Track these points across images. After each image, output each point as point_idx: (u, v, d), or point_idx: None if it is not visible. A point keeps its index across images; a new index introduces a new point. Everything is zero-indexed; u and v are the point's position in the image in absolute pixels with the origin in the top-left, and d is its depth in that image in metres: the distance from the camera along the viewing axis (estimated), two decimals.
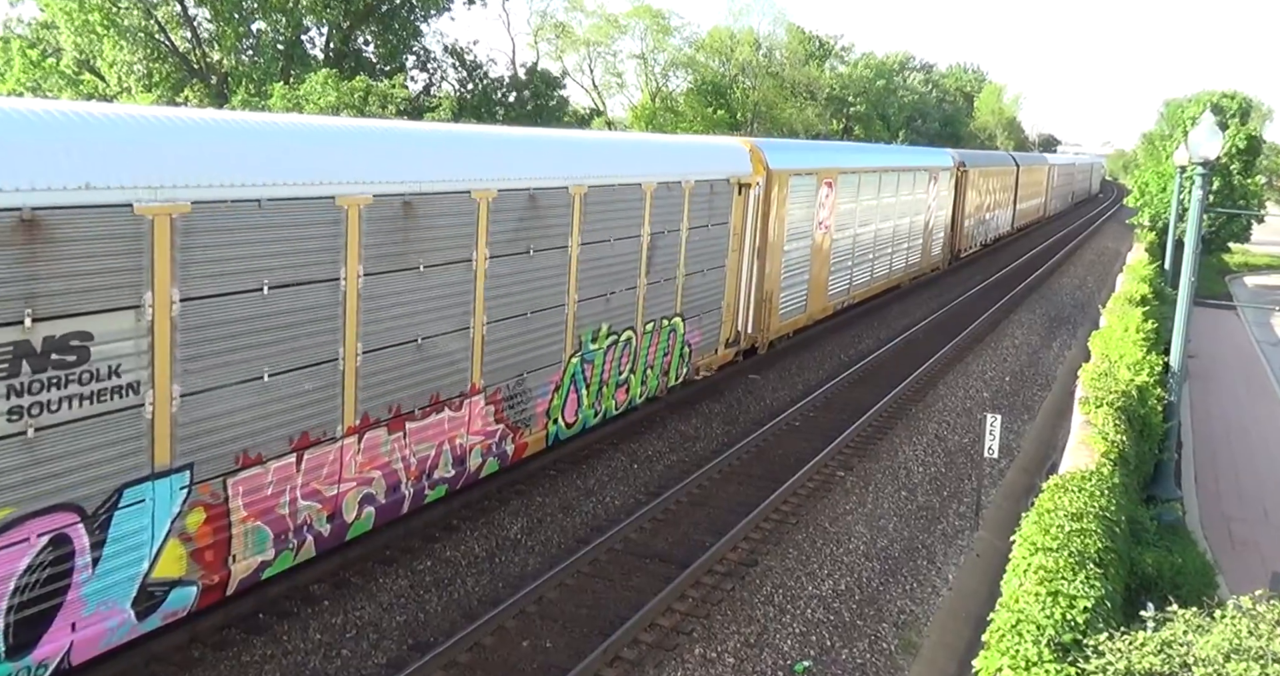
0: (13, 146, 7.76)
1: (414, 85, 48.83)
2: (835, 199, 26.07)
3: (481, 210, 12.66)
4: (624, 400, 16.92)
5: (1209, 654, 7.31)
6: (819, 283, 25.92)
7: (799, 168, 23.37)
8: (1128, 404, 15.50)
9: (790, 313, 24.09)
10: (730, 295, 20.43)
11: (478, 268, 12.75)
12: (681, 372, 18.81)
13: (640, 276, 16.74)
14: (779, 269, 22.72)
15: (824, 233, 25.65)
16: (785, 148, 25.25)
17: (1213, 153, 16.24)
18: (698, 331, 19.23)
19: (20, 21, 46.68)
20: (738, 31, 77.50)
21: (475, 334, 12.89)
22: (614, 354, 16.30)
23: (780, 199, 22.17)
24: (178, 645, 10.03)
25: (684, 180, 17.64)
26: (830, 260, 26.58)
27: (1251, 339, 34.51)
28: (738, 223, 20.14)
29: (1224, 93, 56.97)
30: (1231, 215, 47.92)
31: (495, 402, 13.50)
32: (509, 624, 11.04)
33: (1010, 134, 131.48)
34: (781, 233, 22.64)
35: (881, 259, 31.80)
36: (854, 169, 27.80)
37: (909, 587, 12.80)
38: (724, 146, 21.07)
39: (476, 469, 13.36)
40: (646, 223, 16.63)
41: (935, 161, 38.52)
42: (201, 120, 9.83)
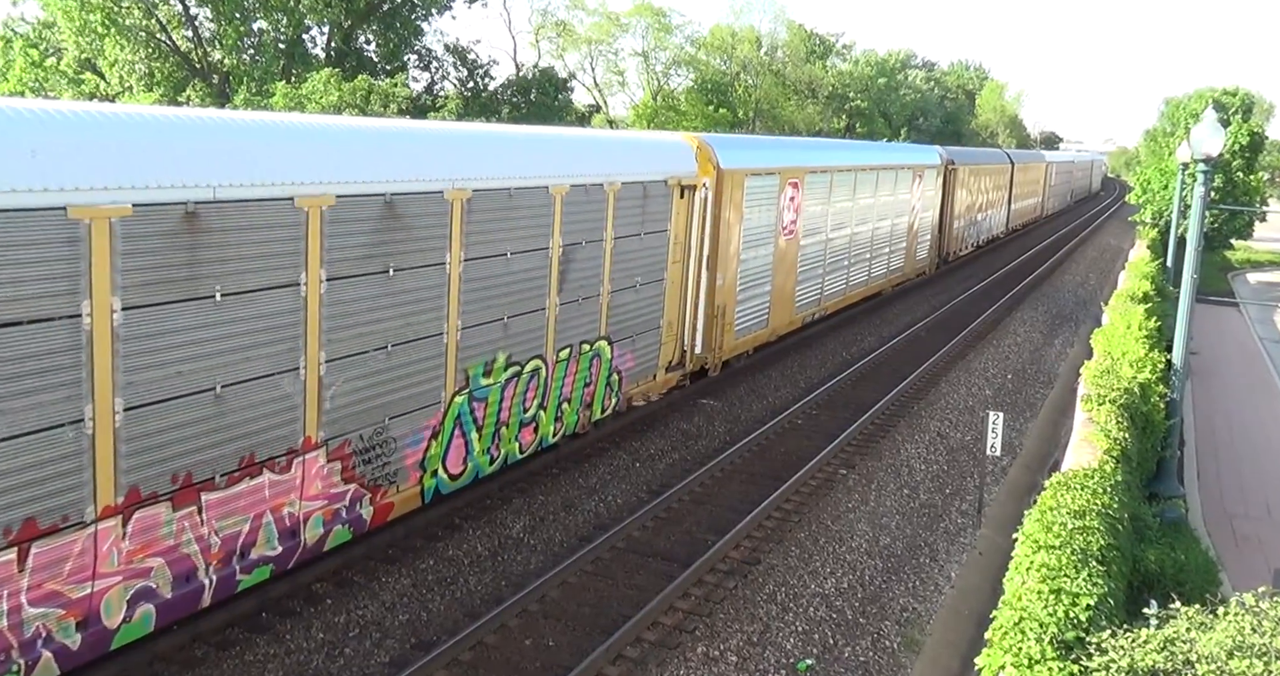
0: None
1: (415, 85, 48.87)
2: (803, 201, 23.76)
3: (313, 221, 10.19)
4: (532, 441, 14.48)
5: (1212, 651, 7.30)
6: (784, 293, 23.57)
7: (757, 167, 21.16)
8: (1130, 401, 15.49)
9: (749, 328, 21.84)
10: (672, 312, 18.05)
11: (309, 292, 10.25)
12: (609, 404, 16.48)
13: (550, 296, 14.35)
14: (734, 280, 20.57)
15: (790, 238, 23.37)
16: (740, 145, 22.67)
17: (1215, 149, 16.21)
18: (630, 355, 16.85)
19: (23, 20, 46.73)
20: (739, 29, 77.55)
21: (309, 375, 10.43)
22: (516, 388, 13.92)
23: (735, 202, 20.04)
24: (180, 644, 10.05)
25: (607, 182, 15.34)
26: (798, 268, 24.27)
27: (1254, 335, 34.46)
28: (680, 229, 17.81)
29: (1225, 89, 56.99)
30: (1234, 212, 47.87)
31: (342, 458, 11.06)
32: (512, 622, 11.04)
33: (1012, 132, 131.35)
34: (736, 239, 20.44)
35: (859, 265, 29.46)
36: (824, 168, 25.34)
37: (912, 585, 12.79)
38: (661, 143, 18.55)
39: (318, 540, 10.94)
40: (557, 232, 14.23)
41: (919, 159, 35.83)
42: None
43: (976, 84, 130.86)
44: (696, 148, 18.68)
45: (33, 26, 46.45)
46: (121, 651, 9.23)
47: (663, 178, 16.97)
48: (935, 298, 34.63)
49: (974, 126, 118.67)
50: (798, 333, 25.63)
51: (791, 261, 23.78)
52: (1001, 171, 51.82)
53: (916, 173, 34.20)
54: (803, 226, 24.13)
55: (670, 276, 17.75)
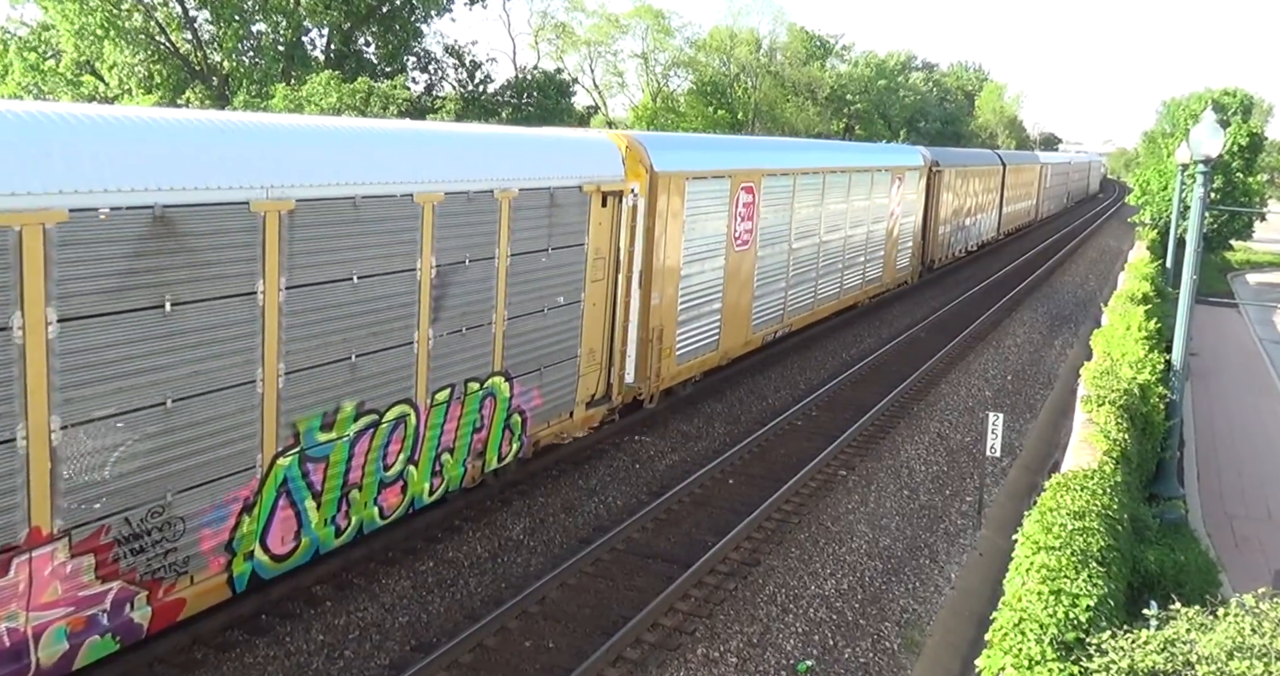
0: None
1: (415, 86, 48.89)
2: (760, 207, 21.29)
3: (30, 245, 7.71)
4: (399, 503, 11.91)
5: (1212, 652, 7.30)
6: (739, 311, 21.09)
7: (701, 169, 18.68)
8: (1130, 402, 15.49)
9: (695, 351, 19.31)
10: (594, 338, 15.58)
11: (28, 337, 7.78)
12: (509, 450, 13.98)
13: (420, 327, 11.79)
14: (675, 298, 18.08)
15: (744, 249, 20.90)
16: (680, 144, 20.32)
17: (1214, 150, 16.22)
18: (536, 392, 14.30)
19: (22, 23, 46.76)
20: (738, 31, 77.61)
21: (32, 446, 7.92)
22: (372, 442, 11.26)
23: (673, 209, 17.59)
24: (180, 647, 10.04)
25: (499, 188, 12.78)
26: (755, 282, 21.77)
27: (1254, 336, 34.47)
28: (602, 243, 15.40)
29: (1224, 90, 56.99)
30: (1234, 213, 47.88)
31: (96, 549, 8.54)
32: (512, 624, 11.04)
33: (1011, 133, 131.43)
34: (677, 252, 17.98)
35: (829, 277, 26.69)
36: (786, 170, 22.78)
37: (912, 586, 12.79)
38: (575, 142, 15.94)
39: (62, 657, 8.38)
40: (428, 250, 11.71)
41: (899, 160, 33.14)
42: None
43: (976, 85, 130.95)
44: (625, 148, 16.26)
45: (31, 29, 46.48)
46: (122, 653, 9.23)
47: (577, 183, 14.53)
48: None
49: (973, 128, 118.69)
50: (757, 353, 23.17)
51: (747, 275, 21.29)
52: (992, 173, 49.56)
53: (895, 175, 31.65)
54: (761, 235, 21.68)
55: (590, 297, 15.25)
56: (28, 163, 7.74)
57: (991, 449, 15.11)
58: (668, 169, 17.18)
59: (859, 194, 28.04)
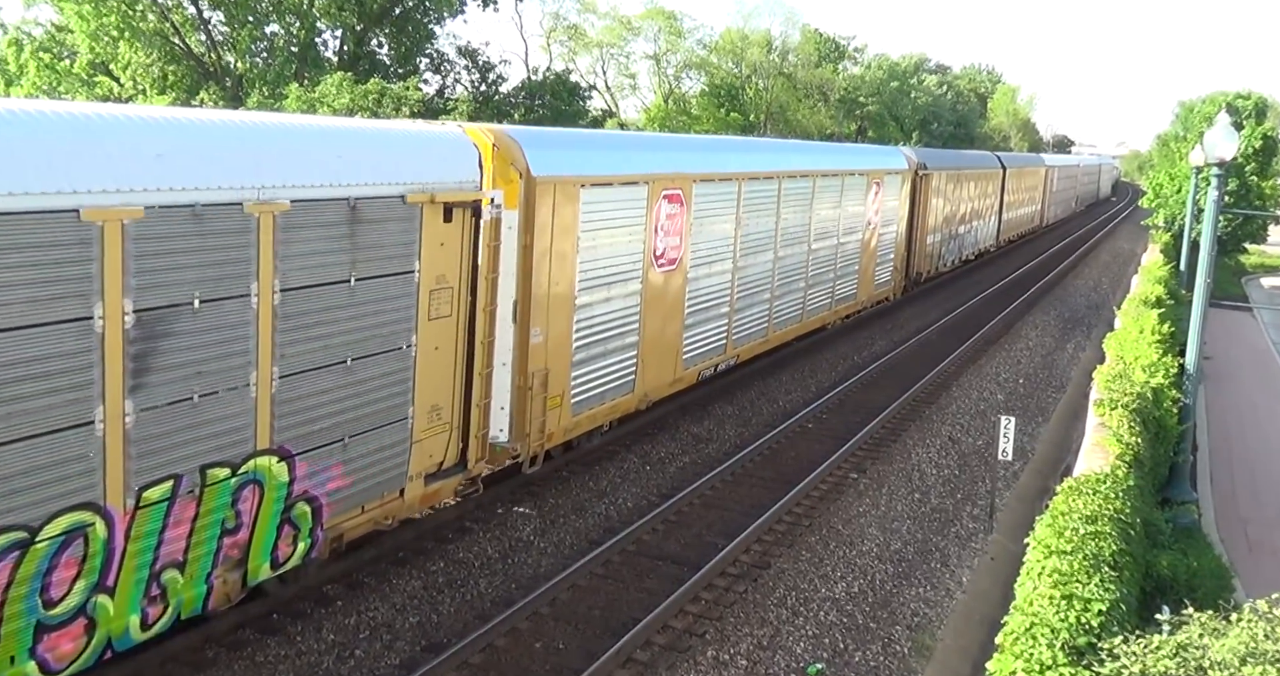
0: None
1: (427, 88, 48.97)
2: (691, 219, 17.79)
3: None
4: (80, 649, 8.51)
5: (1225, 657, 7.27)
6: (663, 343, 17.53)
7: (603, 174, 15.25)
8: (1143, 406, 15.44)
9: (598, 397, 15.76)
10: (437, 392, 12.07)
11: None
12: (292, 551, 10.39)
13: (106, 401, 8.42)
14: (566, 334, 14.71)
15: (670, 269, 17.36)
16: (572, 142, 16.50)
17: (1229, 153, 16.15)
18: (337, 470, 10.78)
19: (36, 23, 47.06)
20: (750, 33, 77.60)
21: None
22: (18, 573, 7.95)
23: (563, 224, 14.22)
24: (192, 646, 10.08)
25: (254, 199, 9.35)
26: (687, 309, 18.27)
27: (1267, 340, 34.31)
28: (446, 268, 11.90)
29: (1239, 93, 56.70)
30: (1248, 216, 47.67)
31: None
32: (522, 625, 11.06)
33: (1025, 135, 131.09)
34: (568, 276, 14.58)
35: (789, 297, 23.20)
36: (728, 175, 19.43)
37: (922, 590, 12.77)
38: (397, 137, 12.02)
39: None
40: (113, 289, 8.33)
41: (878, 163, 29.64)
42: None
43: (989, 87, 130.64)
44: (492, 144, 13.12)
45: (46, 30, 46.75)
46: (133, 652, 9.27)
47: (399, 191, 11.06)
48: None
49: (986, 130, 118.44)
50: (689, 391, 19.70)
51: (675, 300, 17.77)
52: (989, 177, 45.91)
53: (873, 179, 28.15)
54: (693, 253, 18.20)
55: (428, 339, 11.77)
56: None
57: (1003, 452, 15.07)
58: (552, 173, 13.89)
59: (826, 201, 24.71)
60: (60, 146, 8.04)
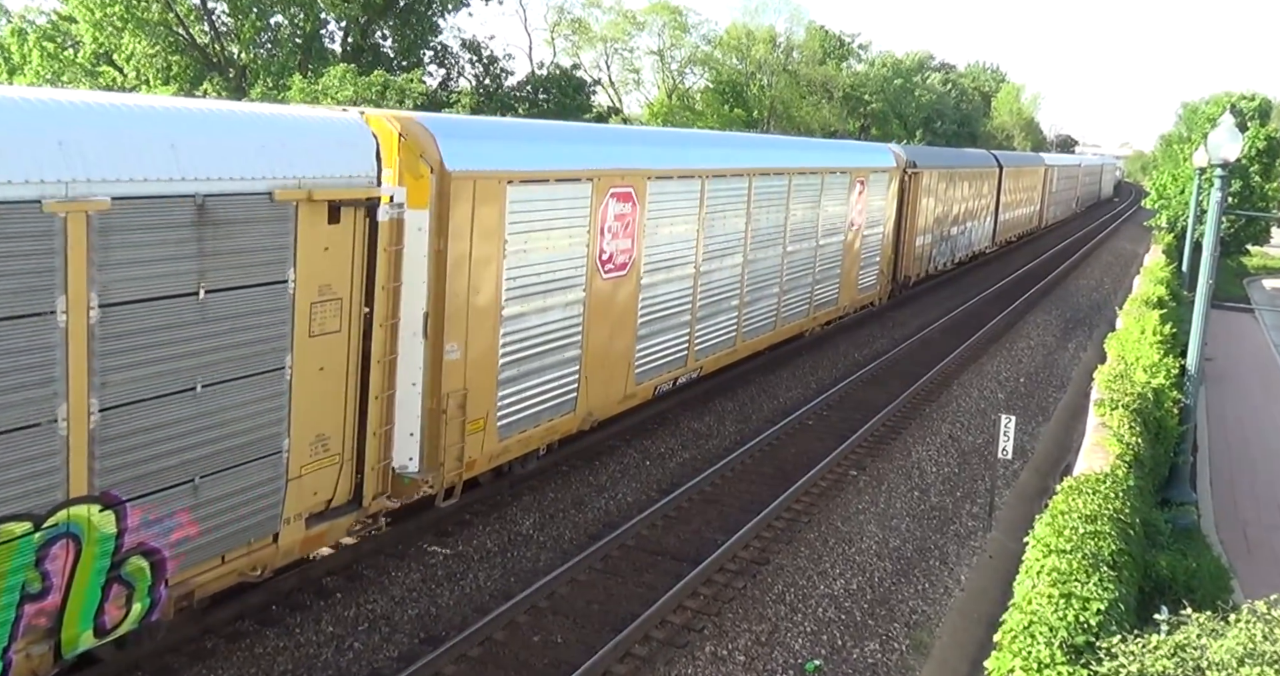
0: None
1: (431, 80, 48.97)
2: (644, 219, 16.11)
3: None
4: None
5: (1223, 658, 7.28)
6: (611, 357, 15.79)
7: (536, 169, 13.53)
8: (1143, 406, 15.45)
9: (531, 418, 14.00)
10: (322, 420, 10.33)
11: None
12: (123, 615, 8.68)
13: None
14: (491, 349, 12.96)
15: (619, 275, 15.70)
16: (497, 132, 14.59)
17: (1232, 154, 16.14)
18: (184, 516, 9.08)
19: (40, 12, 47.07)
20: (755, 29, 77.53)
21: None
22: None
23: (485, 225, 12.53)
24: (191, 636, 10.10)
25: (59, 196, 7.76)
26: (640, 318, 16.57)
27: (1269, 342, 34.30)
28: (333, 276, 10.19)
29: (1243, 94, 56.66)
30: (1250, 217, 47.65)
31: None
32: (520, 618, 11.07)
33: (1028, 134, 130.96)
34: (493, 284, 12.84)
35: (760, 304, 21.44)
36: (689, 172, 17.64)
37: (921, 588, 12.78)
38: (268, 122, 10.00)
39: None
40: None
41: (862, 160, 27.61)
42: None
43: (993, 86, 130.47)
44: (398, 133, 11.55)
45: (50, 19, 46.74)
46: (133, 641, 9.28)
47: (263, 186, 9.33)
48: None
49: (990, 129, 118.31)
50: (643, 408, 17.87)
51: (625, 309, 16.06)
52: (984, 176, 44.08)
53: (856, 178, 26.32)
54: (648, 257, 16.47)
55: (307, 360, 10.01)
56: None
57: (1003, 451, 15.08)
58: (472, 167, 12.25)
59: (804, 201, 22.99)
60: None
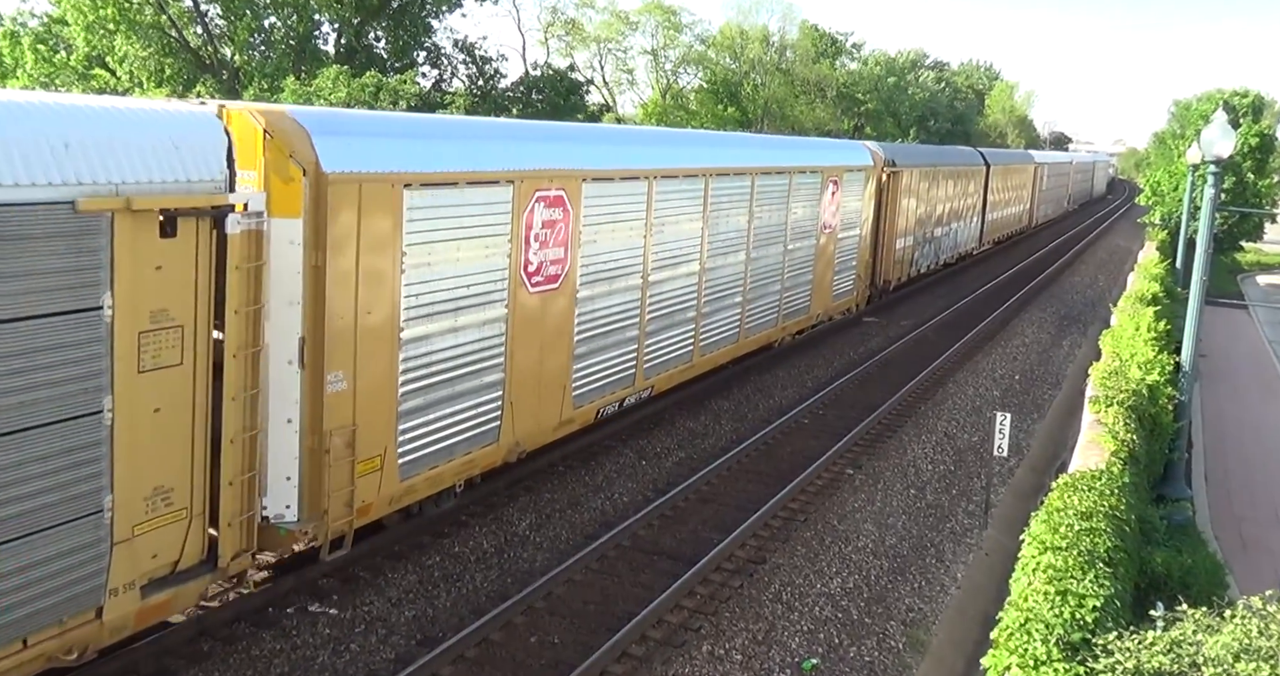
0: None
1: (424, 81, 48.93)
2: (578, 227, 14.52)
3: None
4: None
5: (1218, 653, 7.28)
6: (543, 379, 14.19)
7: (439, 170, 11.71)
8: (1138, 403, 15.47)
9: (444, 453, 12.38)
10: (159, 469, 8.74)
11: None
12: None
13: None
14: (387, 377, 11.27)
15: (550, 289, 14.06)
16: (386, 128, 12.29)
17: (1226, 151, 16.16)
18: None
19: (32, 14, 46.96)
20: (748, 28, 77.58)
21: None
22: None
23: (375, 236, 10.82)
24: (187, 638, 10.09)
25: None
26: (578, 335, 14.99)
27: (1263, 338, 34.37)
28: (170, 300, 8.60)
29: (1236, 90, 56.77)
30: (1244, 214, 47.74)
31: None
32: (517, 619, 11.07)
33: (1022, 132, 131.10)
34: (388, 303, 11.16)
35: (722, 314, 19.80)
36: (631, 172, 15.92)
37: (917, 586, 12.79)
38: (70, 114, 8.16)
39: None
40: None
41: (835, 159, 25.72)
42: None
43: (986, 84, 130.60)
44: (263, 129, 9.89)
45: (42, 22, 46.64)
46: (129, 643, 9.27)
47: (61, 194, 7.71)
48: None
49: (983, 127, 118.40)
50: (585, 433, 16.32)
51: (558, 326, 14.46)
52: (970, 174, 42.39)
53: (829, 177, 24.55)
54: (584, 267, 14.90)
55: (134, 401, 8.39)
56: None
57: (999, 448, 15.10)
58: (357, 169, 10.53)
59: (769, 202, 21.35)
60: None
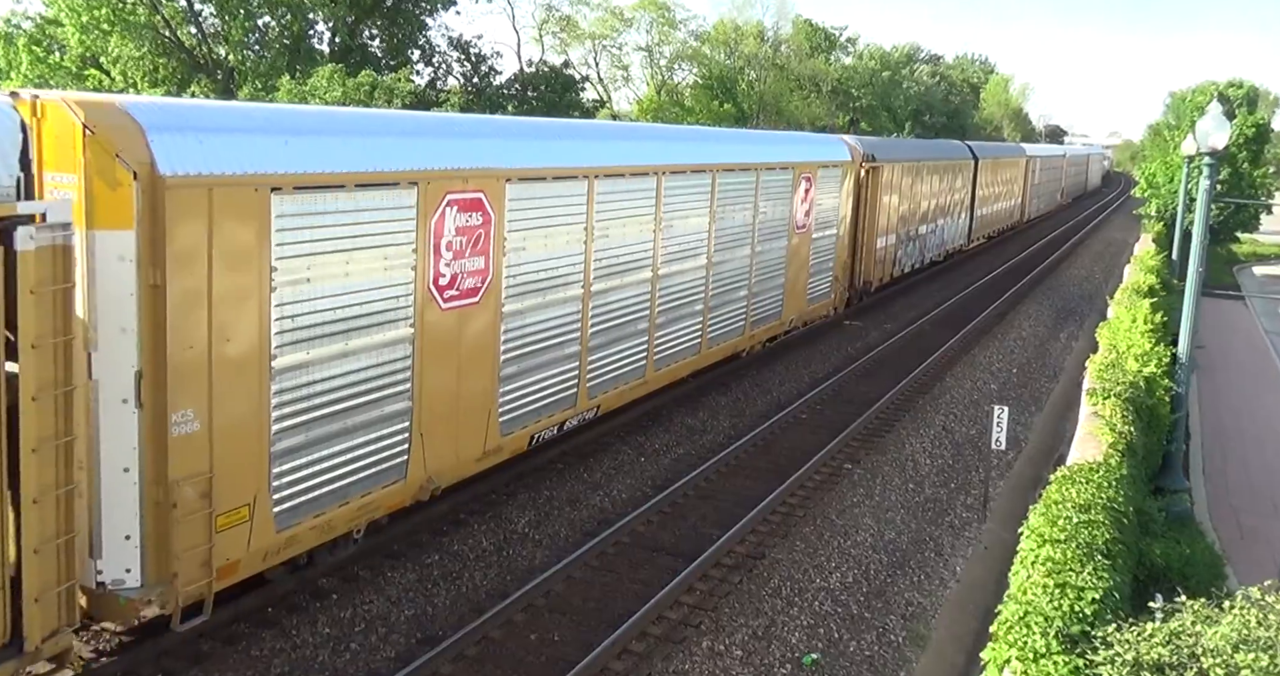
0: None
1: (419, 80, 48.88)
2: (502, 233, 13.02)
3: None
4: None
5: (1217, 644, 7.29)
6: (463, 405, 12.69)
7: (310, 171, 10.08)
8: (1135, 395, 15.47)
9: (331, 496, 10.83)
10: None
11: None
12: None
13: None
14: (256, 414, 9.81)
15: (466, 304, 12.52)
16: (245, 121, 10.17)
17: (1220, 142, 16.15)
18: None
19: (26, 16, 46.85)
20: (743, 24, 77.56)
21: None
22: None
23: (231, 250, 9.31)
24: (187, 639, 10.07)
25: None
26: (504, 355, 13.43)
27: (1260, 329, 34.40)
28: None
29: (1230, 81, 56.83)
30: (1240, 205, 47.78)
31: None
32: (517, 617, 11.07)
33: (1017, 125, 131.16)
34: (250, 329, 9.64)
35: (680, 324, 18.25)
36: (566, 170, 14.38)
37: (917, 580, 12.81)
38: None
39: None
40: None
41: (808, 154, 24.18)
42: None
43: (981, 78, 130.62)
44: (82, 124, 8.47)
45: (35, 23, 46.54)
46: (129, 646, 9.27)
47: None
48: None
49: (979, 121, 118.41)
50: (522, 460, 14.94)
51: (478, 345, 12.90)
52: (957, 169, 40.65)
53: (802, 174, 22.97)
54: (510, 279, 13.37)
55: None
56: None
57: (997, 442, 15.11)
58: (205, 171, 8.98)
59: (734, 201, 19.83)
60: None
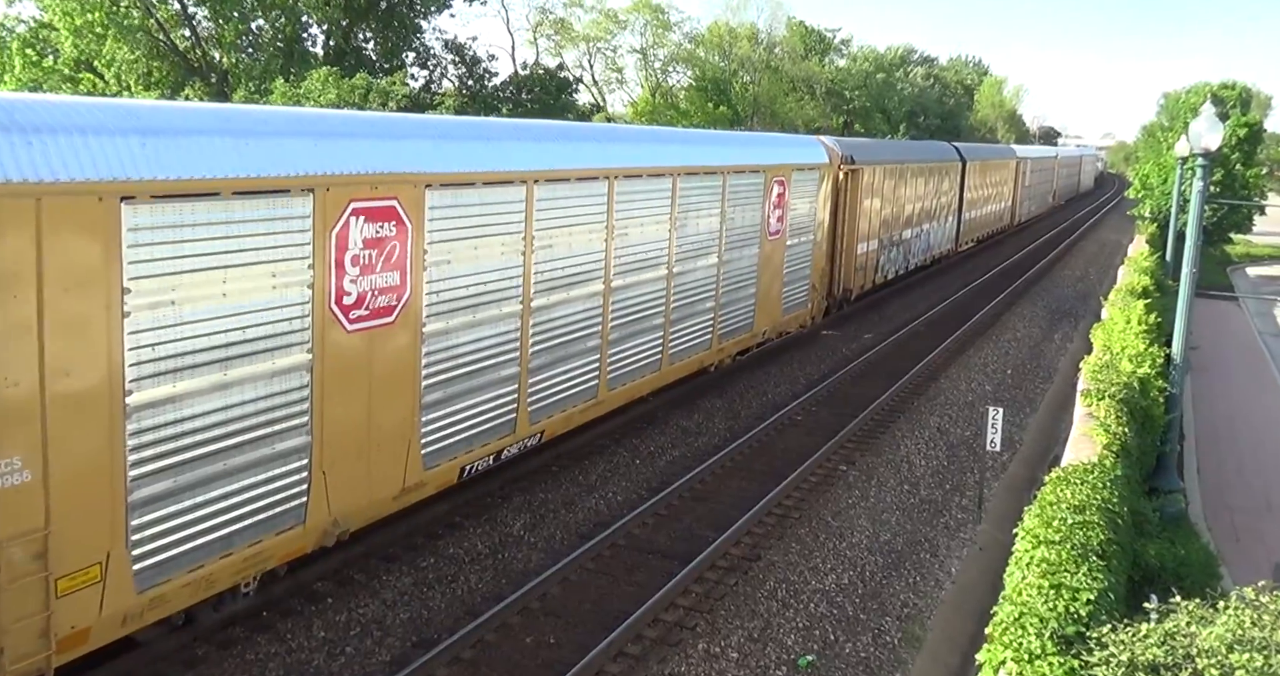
0: None
1: (414, 83, 48.86)
2: (421, 245, 11.67)
3: None
4: None
5: (1212, 645, 7.30)
6: (377, 437, 11.37)
7: (174, 178, 8.73)
8: (1130, 396, 15.50)
9: (211, 547, 9.52)
10: None
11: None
12: None
13: None
14: (107, 457, 8.47)
15: (380, 324, 11.19)
16: (85, 119, 8.32)
17: (1214, 143, 16.20)
18: None
19: (19, 20, 46.76)
20: (737, 26, 77.64)
21: None
22: None
23: (66, 270, 8.00)
24: (182, 643, 10.05)
25: None
26: (425, 379, 12.05)
27: (1253, 329, 34.47)
28: None
29: (1223, 83, 56.99)
30: (1233, 206, 47.89)
31: None
32: (512, 620, 11.06)
33: (1011, 127, 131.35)
34: (97, 361, 8.31)
35: (638, 339, 16.92)
36: (500, 175, 12.90)
37: (912, 581, 12.81)
38: None
39: None
40: None
41: (781, 156, 22.66)
42: None
43: (975, 79, 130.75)
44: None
45: (29, 26, 46.46)
46: (123, 650, 9.25)
47: None
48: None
49: (972, 122, 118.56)
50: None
51: (394, 370, 11.53)
52: (944, 171, 39.26)
53: (774, 177, 21.69)
54: (431, 296, 11.95)
55: None
56: None
57: (991, 443, 15.12)
58: (30, 178, 7.69)
59: (698, 207, 18.52)
60: None
